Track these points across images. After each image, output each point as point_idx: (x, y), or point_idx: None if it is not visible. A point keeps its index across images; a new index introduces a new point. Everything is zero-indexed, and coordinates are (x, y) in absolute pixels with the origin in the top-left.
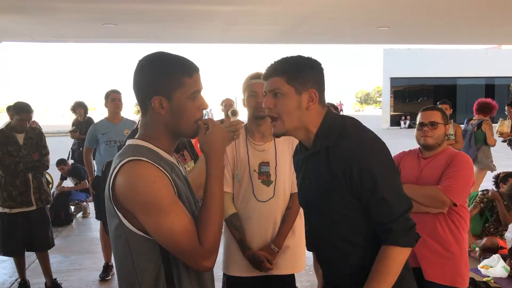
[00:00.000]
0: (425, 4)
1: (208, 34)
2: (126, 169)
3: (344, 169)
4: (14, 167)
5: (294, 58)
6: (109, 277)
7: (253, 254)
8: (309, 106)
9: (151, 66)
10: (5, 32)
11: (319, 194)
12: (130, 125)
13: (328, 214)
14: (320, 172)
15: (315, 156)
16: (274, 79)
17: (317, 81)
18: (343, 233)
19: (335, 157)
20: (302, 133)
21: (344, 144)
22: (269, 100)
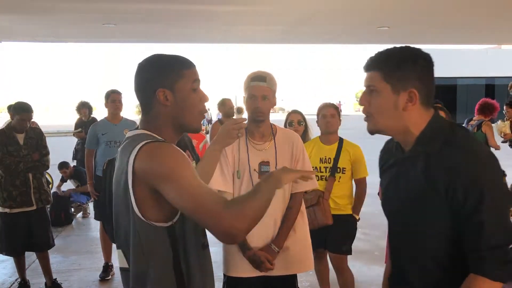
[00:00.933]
0: (425, 4)
1: (208, 34)
2: (147, 148)
3: (448, 180)
4: (14, 167)
5: (397, 50)
6: (109, 277)
7: (253, 254)
8: (407, 107)
9: (151, 65)
10: (5, 32)
11: (410, 202)
12: (130, 126)
13: (416, 225)
14: (415, 179)
15: (412, 161)
16: (371, 73)
17: (420, 79)
18: (427, 248)
19: (438, 166)
20: (399, 134)
21: (452, 154)
22: (364, 97)
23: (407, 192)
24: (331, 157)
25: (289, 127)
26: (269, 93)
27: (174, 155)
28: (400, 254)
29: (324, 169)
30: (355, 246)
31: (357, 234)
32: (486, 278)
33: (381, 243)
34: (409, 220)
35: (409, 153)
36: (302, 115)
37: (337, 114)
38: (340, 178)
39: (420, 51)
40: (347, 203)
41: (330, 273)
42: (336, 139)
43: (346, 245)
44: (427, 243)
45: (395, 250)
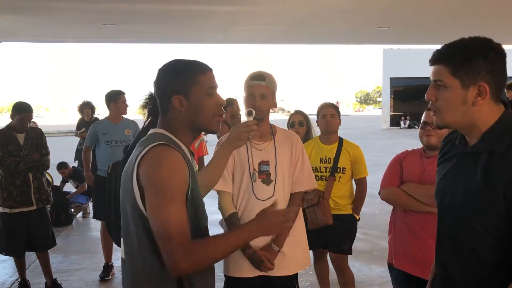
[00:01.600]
0: (425, 4)
1: (208, 34)
2: (155, 150)
3: (508, 182)
4: (14, 167)
5: (465, 42)
6: (109, 277)
7: (253, 253)
8: (476, 101)
9: (168, 71)
10: (5, 32)
11: (466, 199)
12: (131, 125)
13: (469, 223)
14: (475, 175)
15: (474, 156)
16: (438, 67)
17: (491, 73)
18: (477, 246)
19: (502, 166)
20: (466, 128)
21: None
22: (431, 91)
23: (463, 188)
24: (331, 157)
25: (291, 128)
26: (268, 92)
27: (173, 166)
28: (446, 247)
29: (324, 169)
30: (355, 246)
31: (357, 234)
32: None
33: (381, 243)
34: (462, 216)
35: (472, 149)
36: (304, 116)
37: (337, 114)
38: (340, 178)
39: (491, 42)
40: (347, 203)
41: (330, 273)
42: (336, 139)
43: (346, 245)
44: (477, 241)
45: (441, 243)
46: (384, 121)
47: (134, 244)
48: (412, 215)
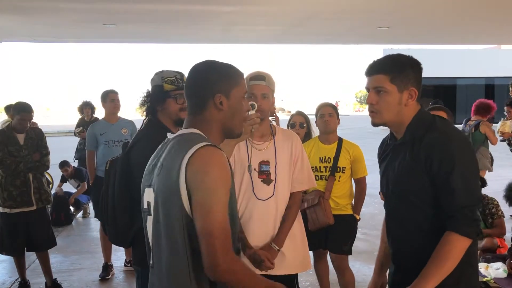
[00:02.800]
0: (425, 4)
1: (208, 34)
2: (204, 151)
3: (426, 154)
4: (14, 167)
5: (396, 57)
6: (109, 276)
7: (253, 253)
8: (408, 102)
9: (211, 69)
10: (5, 32)
11: (401, 178)
12: (128, 125)
13: (407, 196)
14: (404, 159)
15: (402, 146)
16: (378, 76)
17: (416, 80)
18: (415, 216)
19: (420, 146)
20: (396, 125)
21: (431, 136)
22: (372, 96)
23: (398, 171)
24: (330, 157)
25: (291, 128)
26: (269, 92)
27: (223, 169)
28: (392, 228)
29: (324, 168)
30: (355, 246)
31: (357, 234)
32: (457, 234)
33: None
34: (400, 192)
35: (401, 140)
36: (305, 117)
37: (335, 113)
38: (340, 177)
39: (413, 57)
40: (347, 202)
41: (330, 273)
42: (336, 139)
43: (347, 245)
44: (413, 211)
45: (388, 227)
46: None
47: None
48: None
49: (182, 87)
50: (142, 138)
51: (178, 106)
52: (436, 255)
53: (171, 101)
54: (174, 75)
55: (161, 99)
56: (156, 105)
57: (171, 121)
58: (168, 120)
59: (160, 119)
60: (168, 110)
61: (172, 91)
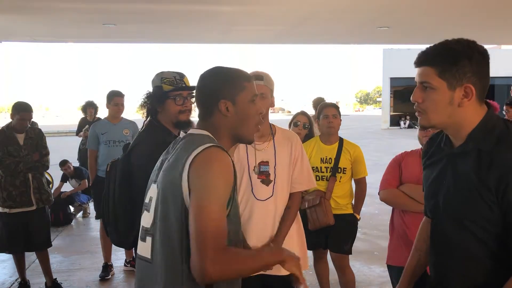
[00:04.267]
0: (425, 4)
1: (208, 34)
2: (209, 151)
3: (500, 179)
4: (14, 167)
5: (451, 44)
6: (109, 276)
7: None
8: (462, 102)
9: (215, 75)
10: (5, 32)
11: (460, 198)
12: (129, 125)
13: (462, 221)
14: (466, 175)
15: (463, 156)
16: (424, 68)
17: (476, 74)
18: (472, 248)
19: (491, 164)
20: (452, 129)
21: (505, 151)
22: (417, 93)
23: (456, 190)
24: (331, 157)
25: (294, 127)
26: (267, 91)
27: (224, 169)
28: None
29: (325, 169)
30: (355, 246)
31: (357, 234)
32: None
33: (380, 243)
34: (456, 216)
35: (460, 149)
36: (308, 118)
37: (338, 114)
38: (341, 178)
39: (475, 44)
40: (347, 202)
41: (330, 273)
42: (337, 139)
43: (347, 245)
44: (471, 240)
45: (434, 247)
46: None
47: (173, 244)
48: (410, 215)
49: (181, 87)
50: (143, 140)
51: (177, 107)
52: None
53: (170, 102)
54: (174, 75)
55: (161, 100)
56: (156, 106)
57: (171, 123)
58: (168, 122)
59: (160, 120)
60: (168, 111)
61: (171, 92)
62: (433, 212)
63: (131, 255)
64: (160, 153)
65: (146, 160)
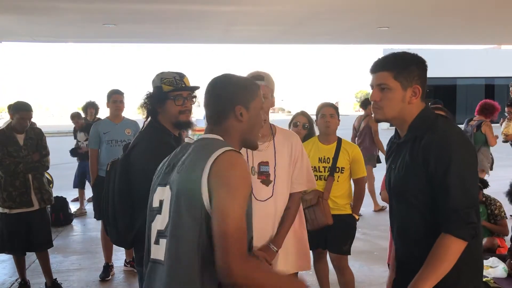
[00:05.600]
0: (425, 4)
1: (208, 34)
2: (229, 154)
3: (424, 154)
4: (14, 167)
5: (401, 54)
6: (109, 277)
7: (251, 253)
8: (411, 100)
9: (231, 82)
10: (5, 32)
11: (401, 177)
12: (131, 125)
13: (406, 197)
14: (405, 158)
15: (404, 144)
16: (382, 73)
17: (421, 78)
18: (414, 217)
19: (420, 146)
20: (399, 122)
21: (430, 136)
22: (376, 93)
23: (399, 171)
24: (330, 157)
25: (293, 127)
26: (268, 92)
27: (245, 171)
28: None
29: (323, 169)
30: (354, 246)
31: (356, 234)
32: (452, 236)
33: (380, 243)
34: (400, 192)
35: (403, 138)
36: (308, 118)
37: (336, 114)
38: (339, 177)
39: (418, 55)
40: (346, 202)
41: (330, 273)
42: (335, 139)
43: (346, 245)
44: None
45: (391, 225)
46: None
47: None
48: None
49: (181, 88)
50: (142, 140)
51: (177, 108)
52: (432, 257)
53: (170, 102)
54: (173, 76)
55: (161, 100)
56: (156, 106)
57: (171, 123)
58: (168, 122)
59: (160, 121)
60: (168, 112)
61: (171, 92)
62: (389, 196)
63: (131, 255)
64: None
65: (146, 160)
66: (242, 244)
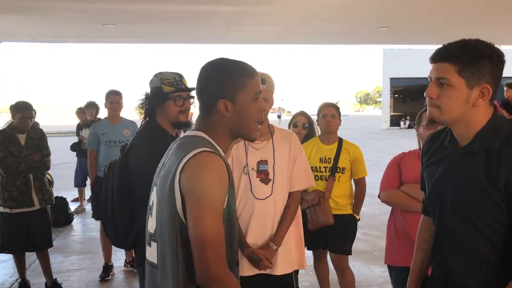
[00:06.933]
0: (425, 4)
1: (208, 34)
2: (199, 157)
3: (507, 178)
4: (15, 167)
5: (472, 43)
6: (109, 277)
7: (252, 252)
8: (477, 102)
9: (214, 71)
10: (5, 32)
11: (469, 197)
12: (130, 126)
13: (471, 219)
14: (475, 174)
15: (470, 156)
16: (443, 64)
17: (493, 75)
18: (480, 246)
19: (499, 163)
20: (461, 127)
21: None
22: (433, 88)
23: (464, 189)
24: (331, 157)
25: (293, 128)
26: (269, 95)
27: (216, 176)
28: (446, 247)
29: (324, 168)
30: (355, 247)
31: (357, 234)
32: None
33: (381, 243)
34: (464, 215)
35: (467, 148)
36: (308, 118)
37: (338, 114)
38: (340, 177)
39: (494, 46)
40: (347, 202)
41: (330, 273)
42: (336, 139)
43: (347, 245)
44: (479, 240)
45: (441, 243)
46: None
47: (170, 250)
48: (411, 215)
49: (182, 89)
50: (140, 140)
51: (177, 108)
52: None
53: (170, 103)
54: (173, 76)
55: (161, 101)
56: (155, 107)
57: (170, 124)
58: (167, 123)
59: (158, 121)
60: (167, 113)
61: (171, 93)
62: (438, 210)
63: (131, 255)
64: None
65: (144, 161)
66: (219, 250)
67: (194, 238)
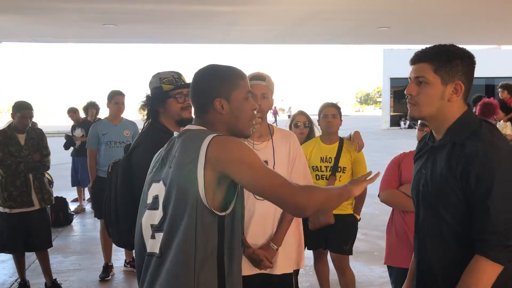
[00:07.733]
0: (425, 5)
1: (208, 34)
2: (219, 138)
3: (464, 166)
4: (15, 167)
5: (446, 46)
6: (109, 277)
7: (252, 252)
8: (451, 98)
9: (210, 74)
10: (5, 32)
11: (434, 186)
12: (130, 126)
13: (436, 207)
14: (440, 165)
15: (440, 149)
16: (421, 65)
17: (465, 75)
18: (442, 231)
19: (460, 154)
20: (437, 121)
21: (473, 144)
22: (412, 86)
23: (431, 179)
24: (331, 157)
25: (295, 128)
26: (268, 92)
27: (243, 145)
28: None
29: (325, 168)
30: (355, 247)
31: (357, 234)
32: (488, 259)
33: (380, 243)
34: (431, 202)
35: (439, 142)
36: (308, 117)
37: (339, 114)
38: (341, 177)
39: (466, 49)
40: (347, 202)
41: (330, 274)
42: (337, 139)
43: (347, 245)
44: (442, 225)
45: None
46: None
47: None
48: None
49: (181, 86)
50: (144, 140)
51: (179, 105)
52: (464, 281)
53: (172, 101)
54: (172, 75)
55: (162, 100)
56: (158, 107)
57: (174, 122)
58: (171, 121)
59: (161, 121)
60: (170, 111)
61: (172, 91)
62: (416, 201)
63: (131, 255)
64: None
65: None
66: (289, 184)
67: (266, 190)
